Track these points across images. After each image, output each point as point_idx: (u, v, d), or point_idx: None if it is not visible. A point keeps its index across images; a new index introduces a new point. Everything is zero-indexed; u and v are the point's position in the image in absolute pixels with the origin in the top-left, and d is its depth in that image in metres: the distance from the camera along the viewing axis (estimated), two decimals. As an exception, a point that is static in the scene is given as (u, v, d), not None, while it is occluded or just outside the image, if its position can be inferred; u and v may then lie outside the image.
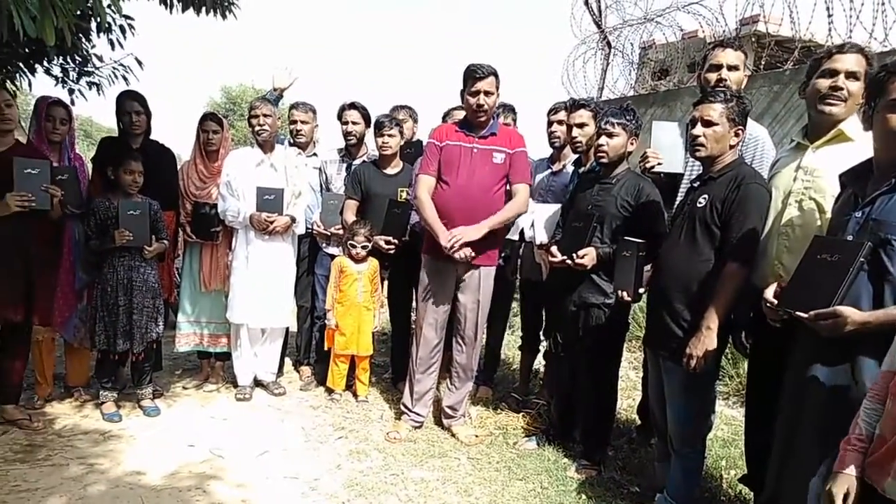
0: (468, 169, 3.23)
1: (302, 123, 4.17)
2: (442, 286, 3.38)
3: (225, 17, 4.28)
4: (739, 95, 2.48)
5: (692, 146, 2.46)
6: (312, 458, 3.17)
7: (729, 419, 3.78)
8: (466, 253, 3.16)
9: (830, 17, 5.28)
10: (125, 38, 4.45)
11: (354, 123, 4.05)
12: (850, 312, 1.62)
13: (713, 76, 2.85)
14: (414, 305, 3.94)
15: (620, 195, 2.92)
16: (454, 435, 3.47)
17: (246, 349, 3.92)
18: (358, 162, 4.07)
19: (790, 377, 1.93)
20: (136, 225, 3.30)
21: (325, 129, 4.50)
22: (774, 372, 2.10)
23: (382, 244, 3.77)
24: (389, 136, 3.79)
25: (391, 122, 3.83)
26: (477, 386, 4.06)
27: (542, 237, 3.37)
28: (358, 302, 3.86)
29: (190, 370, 4.32)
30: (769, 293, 1.89)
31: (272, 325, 3.95)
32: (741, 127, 2.43)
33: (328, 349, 3.99)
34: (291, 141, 4.29)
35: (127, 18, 4.39)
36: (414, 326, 3.76)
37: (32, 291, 3.20)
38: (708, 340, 2.29)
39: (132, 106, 3.65)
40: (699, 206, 2.41)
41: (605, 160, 2.95)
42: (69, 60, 4.80)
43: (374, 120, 3.95)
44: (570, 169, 3.64)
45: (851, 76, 2.15)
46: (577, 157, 3.53)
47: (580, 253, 2.89)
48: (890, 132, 1.68)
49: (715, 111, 2.38)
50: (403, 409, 3.55)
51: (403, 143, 4.01)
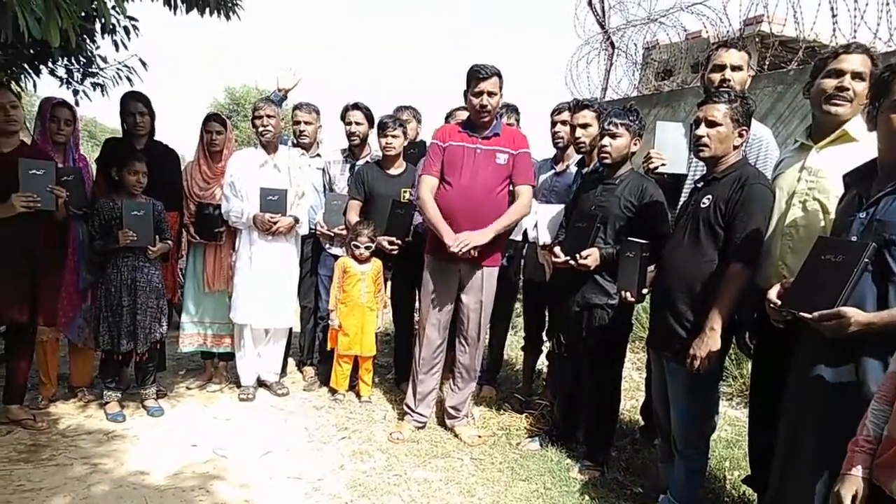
0: (471, 169, 3.23)
1: (305, 124, 4.19)
2: (445, 287, 3.38)
3: (229, 17, 4.30)
4: (743, 96, 2.47)
5: (696, 146, 2.46)
6: (315, 458, 3.17)
7: (732, 420, 3.77)
8: (472, 252, 3.15)
9: (835, 17, 5.27)
10: (129, 39, 4.49)
11: (358, 124, 4.06)
12: (853, 313, 1.61)
13: (717, 76, 2.84)
14: (417, 306, 3.94)
15: (624, 196, 2.92)
16: (457, 435, 3.47)
17: (249, 349, 3.93)
18: (361, 162, 4.08)
19: (794, 378, 1.93)
20: (139, 225, 3.31)
21: (328, 129, 4.51)
22: (778, 373, 2.09)
23: (386, 245, 3.77)
24: (393, 136, 3.80)
25: (394, 122, 3.83)
26: (480, 386, 4.07)
27: (545, 238, 3.37)
28: (361, 302, 3.87)
29: (193, 370, 4.33)
30: (773, 294, 1.89)
31: (275, 325, 3.95)
32: (745, 127, 2.42)
33: (331, 349, 4.00)
34: (295, 141, 4.30)
35: (131, 19, 4.42)
36: (417, 327, 3.76)
37: (37, 292, 3.22)
38: (711, 341, 2.29)
39: (136, 107, 3.66)
40: (703, 206, 2.41)
41: (608, 161, 2.95)
42: (74, 61, 4.82)
43: (377, 120, 3.96)
44: (573, 169, 3.64)
45: (857, 76, 2.14)
46: (580, 157, 3.52)
47: (583, 253, 2.89)
48: (894, 132, 1.67)
49: (719, 111, 2.38)
50: (406, 409, 3.55)
51: (407, 143, 4.02)
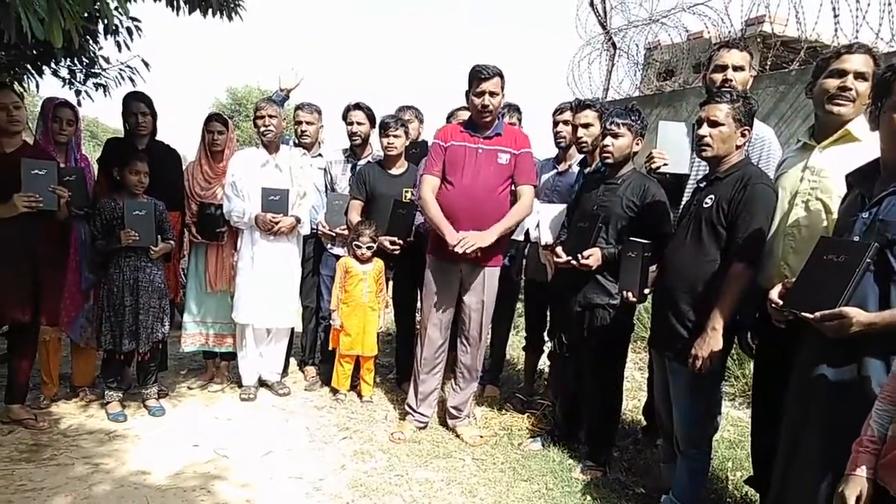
0: (473, 169, 3.23)
1: (307, 124, 4.20)
2: (446, 287, 3.38)
3: (231, 18, 4.31)
4: (746, 96, 2.47)
5: (698, 146, 2.45)
6: (317, 458, 3.17)
7: (735, 420, 3.77)
8: (476, 252, 3.14)
9: (837, 17, 5.26)
10: (132, 39, 4.49)
11: (359, 124, 4.06)
12: (856, 313, 1.61)
13: (718, 77, 2.84)
14: (419, 306, 3.94)
15: (626, 195, 2.91)
16: (459, 435, 3.46)
17: (251, 349, 3.93)
18: (363, 162, 4.08)
19: (796, 378, 1.93)
20: (141, 225, 3.31)
21: (330, 129, 4.52)
22: (780, 373, 2.09)
23: (387, 245, 3.77)
24: (395, 136, 3.80)
25: (396, 122, 3.83)
26: (484, 386, 4.07)
27: (547, 237, 3.36)
28: (363, 302, 3.87)
29: (195, 370, 4.34)
30: (775, 294, 1.89)
31: (277, 325, 3.96)
32: (748, 127, 2.42)
33: (333, 349, 4.00)
34: (297, 142, 4.30)
35: (134, 20, 4.42)
36: (419, 327, 3.76)
37: (40, 292, 3.22)
38: (713, 341, 2.29)
39: (138, 107, 3.66)
40: (705, 206, 2.41)
41: (610, 160, 2.95)
42: (76, 62, 4.84)
43: (379, 120, 3.96)
44: (575, 169, 3.64)
45: (860, 77, 2.14)
46: (582, 157, 3.52)
47: (585, 253, 2.88)
48: (897, 132, 1.67)
49: (721, 111, 2.38)
50: (408, 409, 3.55)
51: (409, 143, 4.02)
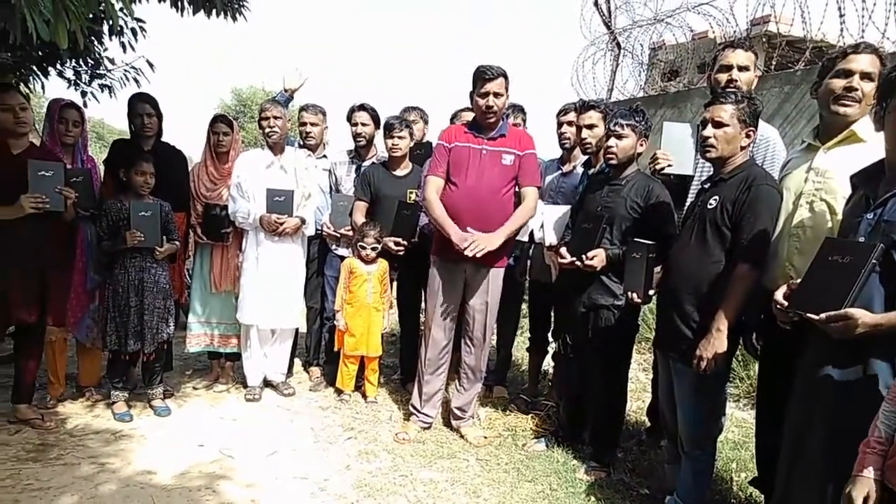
0: (477, 170, 3.23)
1: (312, 125, 4.20)
2: (451, 287, 3.38)
3: (235, 19, 4.31)
4: (750, 96, 2.46)
5: (703, 147, 2.45)
6: (321, 458, 3.18)
7: (739, 421, 3.76)
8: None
9: (842, 17, 5.23)
10: (137, 40, 4.52)
11: (364, 125, 4.07)
12: (861, 314, 1.60)
13: (723, 77, 2.83)
14: (423, 307, 3.94)
15: (630, 196, 2.91)
16: (463, 436, 3.47)
17: (256, 350, 3.94)
18: (367, 164, 4.09)
19: (801, 379, 1.92)
20: (147, 226, 3.33)
21: (334, 130, 4.53)
22: (785, 374, 2.08)
23: (392, 245, 3.78)
24: (399, 137, 3.80)
25: (401, 123, 3.84)
26: (490, 386, 4.07)
27: (551, 238, 3.36)
28: (367, 303, 3.88)
29: (200, 370, 4.35)
30: (780, 295, 1.88)
31: (282, 325, 3.96)
32: (752, 128, 2.41)
33: (337, 350, 4.00)
34: (301, 143, 4.31)
35: (138, 21, 4.44)
36: (423, 328, 3.76)
37: (46, 292, 3.24)
38: (718, 342, 2.28)
39: (144, 108, 3.68)
40: (710, 207, 2.40)
41: (614, 161, 2.94)
42: (82, 63, 4.86)
43: (383, 121, 3.97)
44: (579, 170, 3.64)
45: (866, 77, 2.13)
46: (586, 158, 3.52)
47: (590, 254, 2.88)
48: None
49: (726, 112, 2.37)
50: (412, 410, 3.55)
51: (413, 144, 4.02)
